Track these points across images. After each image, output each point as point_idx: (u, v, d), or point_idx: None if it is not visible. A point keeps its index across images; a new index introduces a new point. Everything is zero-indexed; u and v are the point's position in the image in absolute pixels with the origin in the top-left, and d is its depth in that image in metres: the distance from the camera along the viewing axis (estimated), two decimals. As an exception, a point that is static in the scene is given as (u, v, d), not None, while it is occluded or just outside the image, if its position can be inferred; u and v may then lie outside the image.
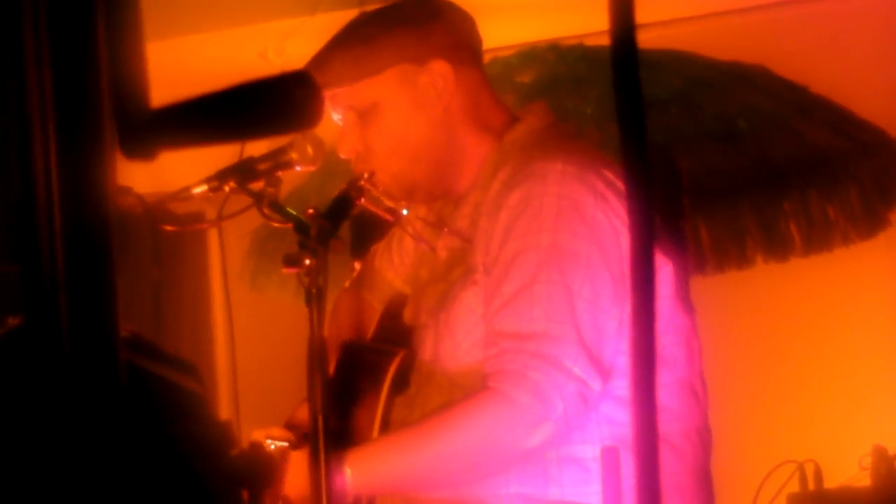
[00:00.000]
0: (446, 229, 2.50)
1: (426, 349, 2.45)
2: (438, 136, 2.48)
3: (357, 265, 2.77)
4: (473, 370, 2.37)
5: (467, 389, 2.36)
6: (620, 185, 2.35)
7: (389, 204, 2.46)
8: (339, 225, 2.30)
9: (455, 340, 2.40)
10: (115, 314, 0.98)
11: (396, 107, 2.47)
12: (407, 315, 2.56)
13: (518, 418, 2.27)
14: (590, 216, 2.34)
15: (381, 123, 2.47)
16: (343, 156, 2.52)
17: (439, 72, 2.46)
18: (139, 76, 1.05)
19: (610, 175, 2.37)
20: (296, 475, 2.32)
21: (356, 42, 2.46)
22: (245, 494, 2.25)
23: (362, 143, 2.49)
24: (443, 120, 2.48)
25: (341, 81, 2.46)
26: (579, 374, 2.28)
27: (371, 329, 2.65)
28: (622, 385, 2.34)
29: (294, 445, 2.38)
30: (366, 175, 2.43)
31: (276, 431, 2.44)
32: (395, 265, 2.70)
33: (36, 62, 0.96)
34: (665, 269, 2.41)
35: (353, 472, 2.30)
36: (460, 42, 2.51)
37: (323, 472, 2.17)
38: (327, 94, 2.46)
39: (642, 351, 0.93)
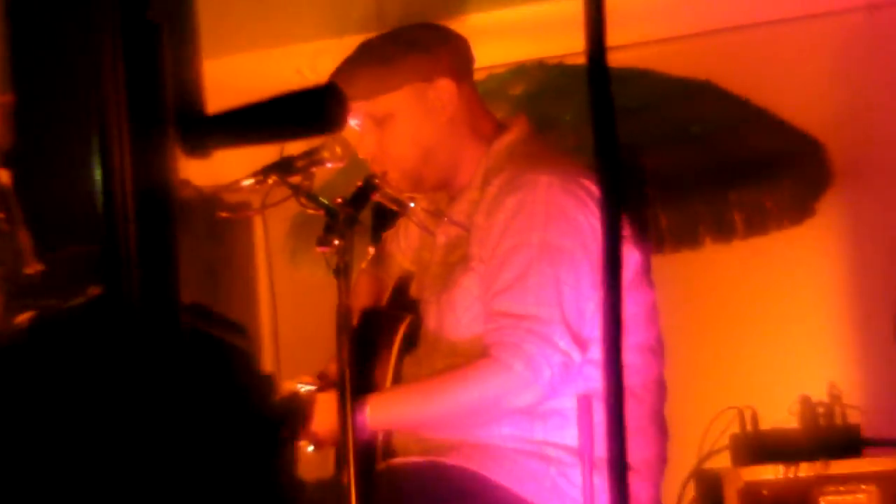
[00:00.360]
0: (445, 219, 2.52)
1: (431, 320, 2.49)
2: (444, 140, 2.51)
3: (371, 250, 2.79)
4: (471, 340, 2.41)
5: (467, 355, 2.40)
6: (596, 190, 2.37)
7: (398, 197, 2.50)
8: (360, 211, 2.34)
9: (456, 316, 2.44)
10: (177, 285, 0.99)
11: (409, 117, 2.49)
12: (413, 289, 2.60)
13: (513, 382, 2.32)
14: (573, 218, 2.38)
15: (395, 130, 2.49)
16: (361, 156, 2.54)
17: (445, 88, 2.49)
18: (197, 89, 1.06)
19: (587, 182, 2.41)
20: (322, 414, 2.36)
21: (377, 63, 2.48)
22: (285, 432, 2.27)
23: (378, 146, 2.51)
24: (448, 127, 2.51)
25: (364, 96, 2.48)
26: (564, 348, 2.33)
27: (384, 299, 2.68)
28: (595, 350, 2.37)
29: (320, 389, 2.42)
30: (378, 174, 2.46)
31: (305, 378, 2.49)
32: (403, 249, 2.73)
33: (113, 81, 0.96)
34: (634, 256, 2.44)
35: (372, 412, 2.34)
36: (461, 62, 2.54)
37: (349, 414, 2.19)
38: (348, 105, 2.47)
39: (611, 324, 0.93)
